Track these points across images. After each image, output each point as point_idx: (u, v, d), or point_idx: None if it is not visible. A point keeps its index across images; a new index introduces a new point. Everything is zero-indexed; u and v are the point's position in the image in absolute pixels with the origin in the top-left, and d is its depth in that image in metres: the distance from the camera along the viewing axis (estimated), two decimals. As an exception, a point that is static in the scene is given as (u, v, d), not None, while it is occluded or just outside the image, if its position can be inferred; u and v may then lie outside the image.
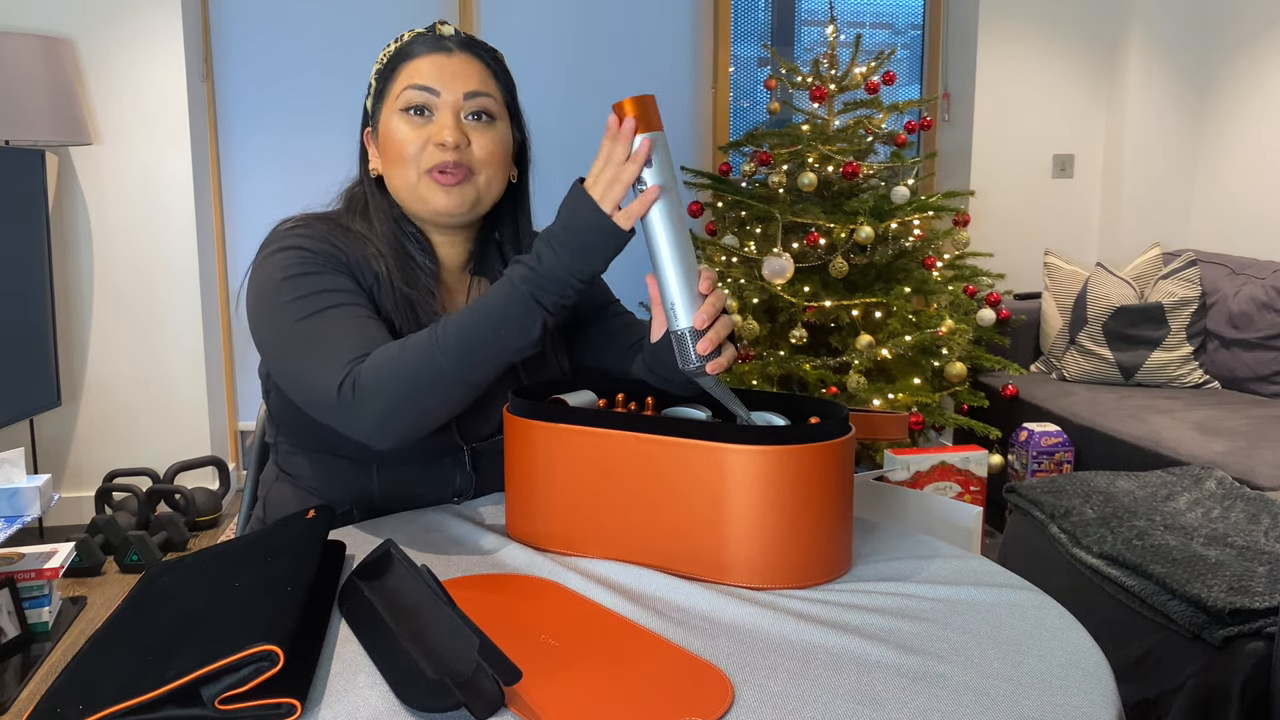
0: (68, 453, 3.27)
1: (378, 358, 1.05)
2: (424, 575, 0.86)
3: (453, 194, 1.18)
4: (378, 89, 1.22)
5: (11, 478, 2.36)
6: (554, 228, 1.04)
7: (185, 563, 0.96)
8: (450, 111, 1.17)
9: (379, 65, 1.22)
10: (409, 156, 1.17)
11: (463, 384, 1.05)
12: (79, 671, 0.76)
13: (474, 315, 1.04)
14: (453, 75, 1.18)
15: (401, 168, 1.18)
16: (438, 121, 1.17)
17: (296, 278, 1.12)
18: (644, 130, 1.01)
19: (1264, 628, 1.57)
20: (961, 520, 1.69)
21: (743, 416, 1.04)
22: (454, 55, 1.19)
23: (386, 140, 1.19)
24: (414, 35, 1.21)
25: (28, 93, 2.85)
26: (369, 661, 0.82)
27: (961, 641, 0.87)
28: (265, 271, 1.15)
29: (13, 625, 2.21)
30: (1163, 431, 2.78)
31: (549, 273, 1.02)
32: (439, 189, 1.18)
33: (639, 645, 0.85)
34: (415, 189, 1.19)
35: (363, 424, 1.05)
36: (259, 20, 3.51)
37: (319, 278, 1.13)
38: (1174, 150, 3.89)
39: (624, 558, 1.02)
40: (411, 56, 1.19)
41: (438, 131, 1.17)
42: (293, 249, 1.15)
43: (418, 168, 1.18)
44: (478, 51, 1.21)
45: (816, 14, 4.06)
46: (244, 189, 3.58)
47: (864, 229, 3.03)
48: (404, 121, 1.18)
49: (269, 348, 1.12)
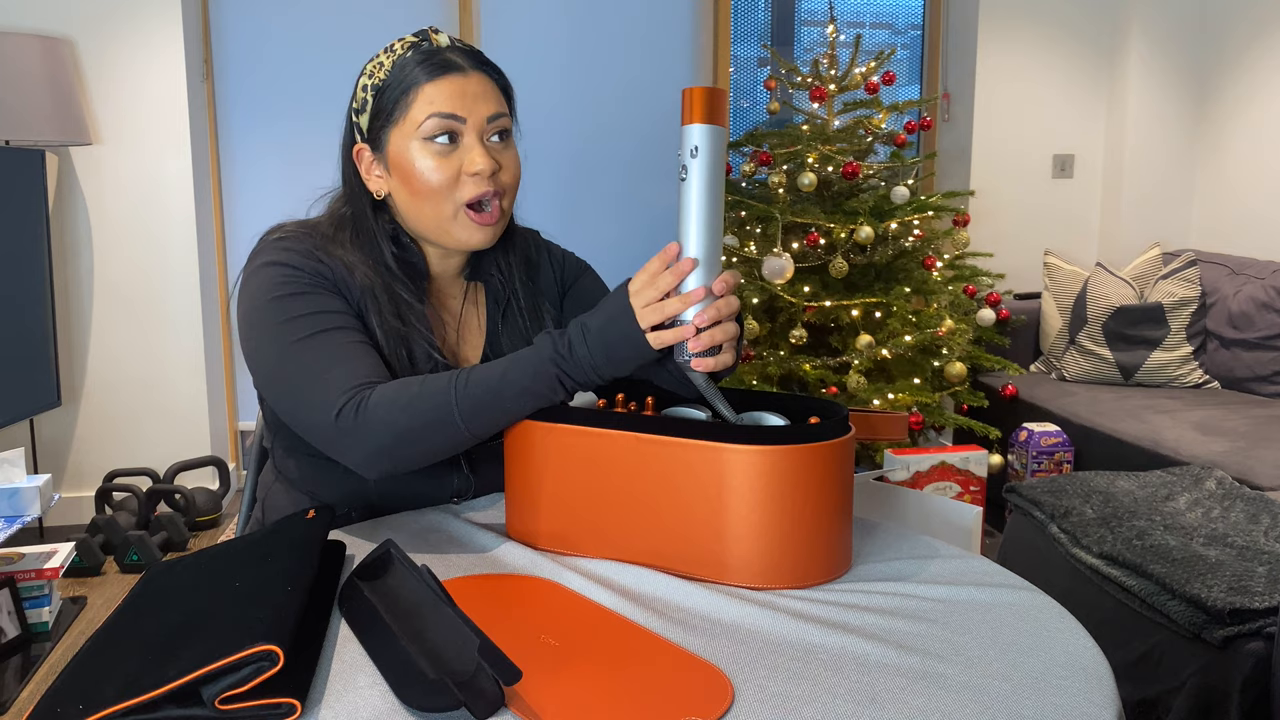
0: (68, 453, 3.27)
1: (393, 393, 1.05)
2: (424, 575, 0.86)
3: (488, 231, 1.18)
4: (381, 110, 1.17)
5: (11, 478, 2.36)
6: (592, 323, 1.04)
7: (184, 563, 0.96)
8: (475, 135, 1.16)
9: (374, 82, 1.18)
10: (441, 189, 1.15)
11: (469, 438, 1.07)
12: (79, 672, 0.76)
13: (497, 380, 1.04)
14: (475, 99, 1.15)
15: (433, 200, 1.16)
16: (465, 148, 1.15)
17: (288, 298, 1.12)
18: (703, 120, 1.01)
19: (1264, 628, 1.57)
20: (961, 520, 1.69)
21: (729, 418, 1.04)
22: (470, 76, 1.16)
23: (408, 170, 1.16)
24: (410, 50, 1.17)
25: (28, 93, 2.85)
26: (369, 661, 0.82)
27: (961, 641, 0.87)
28: (254, 287, 1.14)
29: (13, 625, 2.21)
30: (1163, 431, 2.78)
31: (578, 363, 1.03)
32: (476, 227, 1.17)
33: (639, 645, 0.85)
34: (447, 223, 1.17)
35: (355, 452, 1.06)
36: (259, 20, 3.51)
37: (311, 298, 1.13)
38: (1174, 150, 3.89)
39: (624, 558, 1.02)
40: (423, 80, 1.15)
41: (470, 162, 1.15)
42: (281, 265, 1.14)
43: (454, 202, 1.16)
44: (487, 69, 1.19)
45: (816, 14, 4.06)
46: (244, 189, 3.58)
47: (864, 229, 3.03)
48: (428, 152, 1.15)
49: (262, 368, 1.12)
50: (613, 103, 3.80)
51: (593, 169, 3.82)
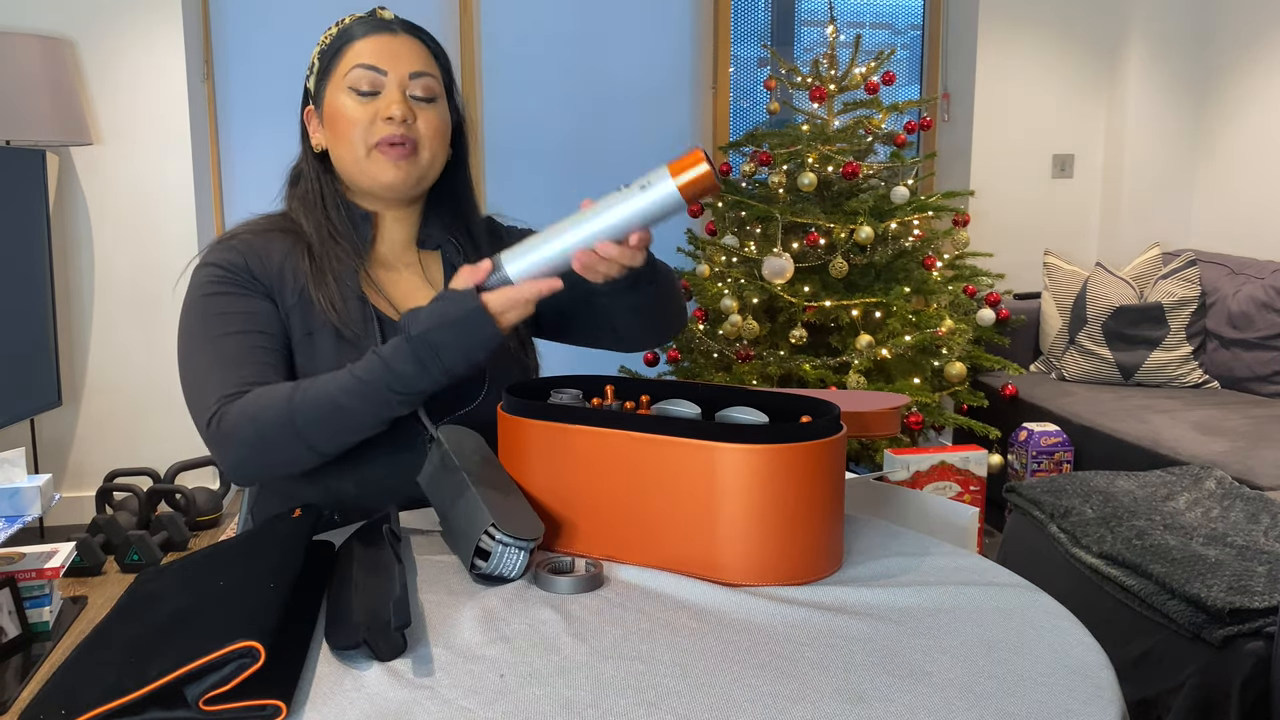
0: (68, 453, 3.27)
1: (246, 403, 1.09)
2: (388, 537, 0.95)
3: (401, 167, 1.22)
4: (321, 68, 1.25)
5: (12, 478, 2.36)
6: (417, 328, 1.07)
7: (172, 567, 0.96)
8: (397, 88, 1.21)
9: (321, 46, 1.26)
10: (357, 132, 1.21)
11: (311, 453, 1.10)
12: (63, 677, 0.76)
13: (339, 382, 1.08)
14: (397, 55, 1.22)
15: (349, 143, 1.22)
16: (385, 98, 1.21)
17: (207, 298, 1.17)
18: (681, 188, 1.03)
19: (1263, 627, 1.57)
20: (958, 520, 1.69)
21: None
22: (398, 36, 1.23)
23: (334, 117, 1.22)
24: (355, 19, 1.25)
25: (28, 93, 2.85)
26: (356, 665, 0.82)
27: (951, 639, 0.86)
28: (191, 286, 1.20)
29: (13, 625, 2.21)
30: (1162, 431, 2.77)
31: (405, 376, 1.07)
32: (387, 162, 1.21)
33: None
34: (363, 163, 1.22)
35: (222, 462, 1.11)
36: (259, 20, 3.52)
37: (227, 299, 1.17)
38: (1174, 150, 3.88)
39: (615, 555, 1.02)
40: (356, 37, 1.22)
41: (385, 107, 1.20)
42: (211, 265, 1.20)
43: (366, 143, 1.21)
44: (419, 34, 1.26)
45: (816, 14, 4.06)
46: (244, 189, 3.58)
47: (864, 229, 3.03)
48: (351, 99, 1.21)
49: (179, 362, 1.17)
50: (612, 102, 3.80)
51: (592, 168, 3.82)
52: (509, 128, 3.68)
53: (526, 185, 3.71)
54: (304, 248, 1.23)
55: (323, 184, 1.27)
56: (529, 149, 3.71)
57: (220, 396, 1.11)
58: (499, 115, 3.66)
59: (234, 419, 1.08)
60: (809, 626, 0.88)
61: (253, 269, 1.20)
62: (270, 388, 1.10)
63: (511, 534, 0.95)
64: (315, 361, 1.18)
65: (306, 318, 1.20)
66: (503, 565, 0.96)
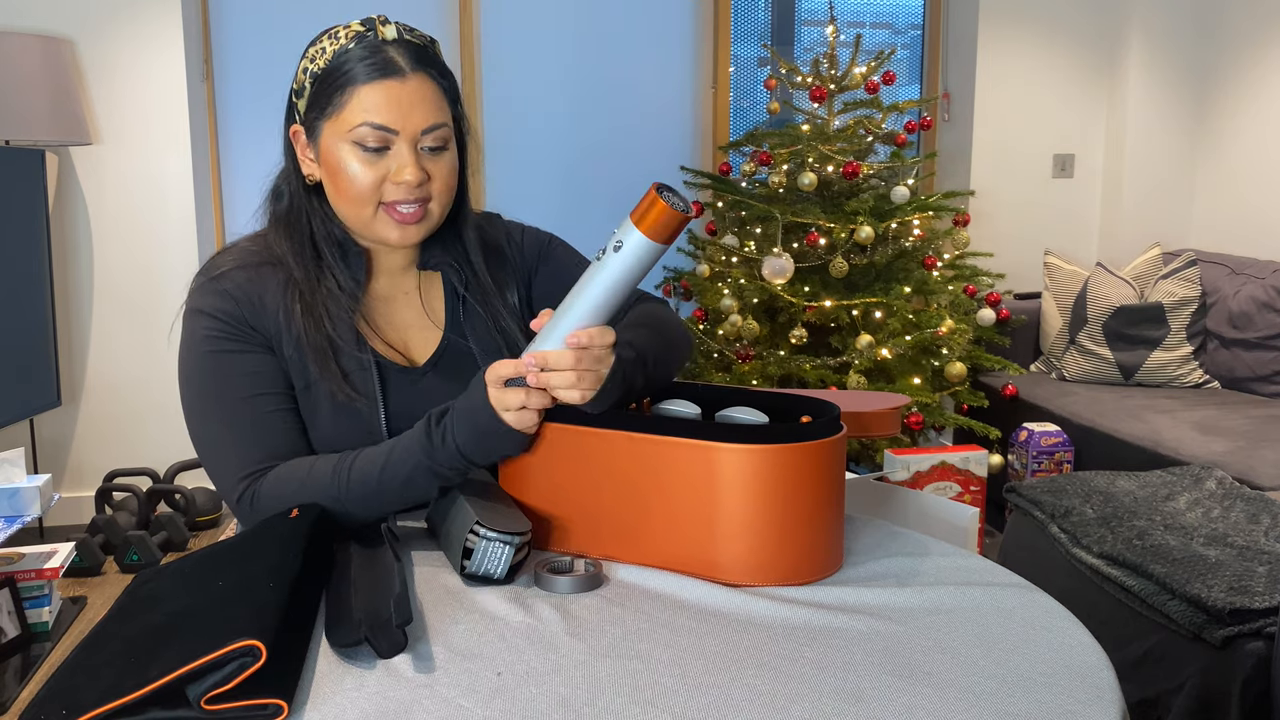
0: (68, 453, 3.27)
1: (280, 484, 1.08)
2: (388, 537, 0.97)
3: (409, 230, 1.14)
4: (315, 101, 1.13)
5: (11, 478, 2.36)
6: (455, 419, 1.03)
7: (170, 568, 0.96)
8: (409, 146, 1.11)
9: (315, 68, 1.13)
10: (365, 192, 1.12)
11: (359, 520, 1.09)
12: (63, 678, 0.76)
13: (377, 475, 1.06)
14: (410, 108, 1.10)
15: (352, 201, 1.13)
16: (395, 157, 1.11)
17: (209, 355, 1.12)
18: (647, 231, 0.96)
19: (1264, 628, 1.57)
20: (958, 520, 1.69)
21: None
22: (407, 82, 1.10)
23: (335, 169, 1.13)
24: (354, 42, 1.11)
25: (28, 93, 2.85)
26: (356, 664, 0.82)
27: (950, 639, 0.86)
28: (185, 335, 1.14)
29: (13, 625, 2.21)
30: (1163, 431, 2.77)
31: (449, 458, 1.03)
32: (395, 225, 1.13)
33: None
34: (368, 221, 1.14)
35: (249, 525, 1.10)
36: (259, 20, 3.52)
37: (229, 359, 1.12)
38: (1174, 150, 3.88)
39: (615, 555, 1.02)
40: (359, 82, 1.10)
41: (398, 171, 1.11)
42: (207, 315, 1.13)
43: (374, 204, 1.13)
44: (428, 70, 1.13)
45: (816, 14, 4.06)
46: (244, 189, 3.58)
47: (864, 229, 3.03)
48: (356, 156, 1.11)
49: (188, 423, 1.14)
50: (612, 103, 3.80)
51: (592, 169, 3.82)
52: (509, 128, 3.68)
53: (527, 185, 3.71)
54: (296, 290, 1.15)
55: (311, 218, 1.18)
56: (529, 149, 3.71)
57: (245, 475, 1.09)
58: (499, 115, 3.65)
59: (267, 501, 1.07)
60: (809, 626, 0.88)
61: (249, 319, 1.13)
62: (302, 467, 1.08)
63: (494, 528, 0.95)
64: (315, 416, 1.14)
65: (305, 371, 1.14)
66: (488, 561, 0.96)
